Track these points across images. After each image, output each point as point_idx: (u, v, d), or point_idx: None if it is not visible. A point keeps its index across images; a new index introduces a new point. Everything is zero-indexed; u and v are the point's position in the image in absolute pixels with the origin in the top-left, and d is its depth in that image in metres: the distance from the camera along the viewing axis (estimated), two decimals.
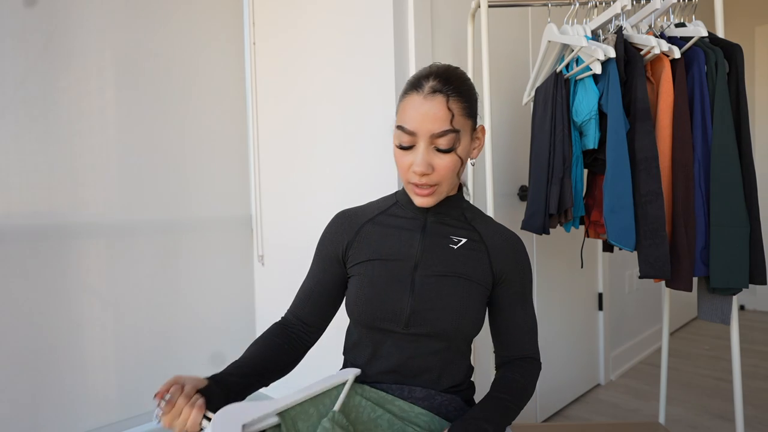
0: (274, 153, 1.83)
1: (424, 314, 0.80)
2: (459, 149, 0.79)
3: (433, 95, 0.77)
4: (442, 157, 0.79)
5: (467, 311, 0.81)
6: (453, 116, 0.77)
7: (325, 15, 1.58)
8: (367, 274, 0.85)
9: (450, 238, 0.86)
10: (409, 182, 0.82)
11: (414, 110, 0.77)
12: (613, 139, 1.19)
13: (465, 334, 0.82)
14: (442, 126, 0.76)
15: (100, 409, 1.51)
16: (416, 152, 0.78)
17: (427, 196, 0.81)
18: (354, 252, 0.88)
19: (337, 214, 0.94)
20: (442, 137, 0.77)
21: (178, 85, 1.69)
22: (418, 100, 0.77)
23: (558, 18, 1.36)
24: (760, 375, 2.25)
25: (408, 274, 0.83)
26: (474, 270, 0.84)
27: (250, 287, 1.91)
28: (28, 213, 1.38)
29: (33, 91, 1.39)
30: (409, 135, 0.78)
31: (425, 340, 0.82)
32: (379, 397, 0.82)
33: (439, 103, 0.76)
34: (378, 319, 0.82)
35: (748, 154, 1.20)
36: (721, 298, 1.27)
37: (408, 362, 0.82)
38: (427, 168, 0.78)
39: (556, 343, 1.94)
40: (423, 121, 0.77)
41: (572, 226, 1.40)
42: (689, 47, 1.21)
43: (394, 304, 0.81)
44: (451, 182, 0.82)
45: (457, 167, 0.80)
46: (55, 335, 1.42)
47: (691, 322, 3.19)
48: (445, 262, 0.84)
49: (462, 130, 0.79)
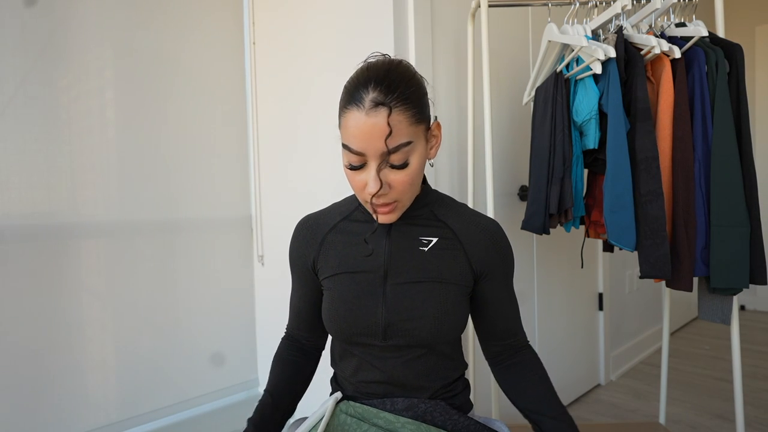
0: (274, 153, 1.83)
1: (401, 325, 0.76)
2: (414, 161, 0.72)
3: (376, 110, 0.67)
4: (397, 173, 0.71)
5: (446, 316, 0.77)
6: (402, 128, 0.69)
7: (325, 15, 1.58)
8: (336, 289, 0.80)
9: (419, 240, 0.80)
10: (366, 201, 0.75)
11: (357, 129, 0.69)
12: (613, 139, 1.18)
13: (448, 339, 0.79)
14: (391, 142, 0.69)
15: (100, 409, 1.51)
16: (368, 171, 0.71)
17: (389, 214, 0.75)
18: (321, 265, 0.84)
19: (298, 224, 0.88)
20: (394, 153, 0.69)
21: (178, 85, 1.69)
22: (359, 117, 0.68)
23: (558, 18, 1.36)
24: (760, 375, 2.25)
25: (378, 285, 0.78)
26: (450, 271, 0.78)
27: (250, 287, 1.90)
28: (28, 213, 1.38)
29: (33, 91, 1.39)
30: (357, 155, 0.71)
31: (406, 349, 0.79)
32: (364, 411, 0.80)
33: (384, 117, 0.67)
34: (354, 335, 0.79)
35: (748, 154, 1.20)
36: (721, 298, 1.27)
37: (394, 371, 0.79)
38: (380, 187, 0.71)
39: (556, 343, 1.94)
40: (369, 140, 0.68)
41: (572, 226, 1.40)
42: (689, 47, 1.21)
43: (368, 318, 0.77)
44: (413, 193, 0.76)
45: (414, 179, 0.73)
46: (55, 335, 1.42)
47: (691, 322, 3.19)
48: (417, 267, 0.78)
49: (415, 140, 0.71)
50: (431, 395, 0.81)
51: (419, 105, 0.72)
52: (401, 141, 0.69)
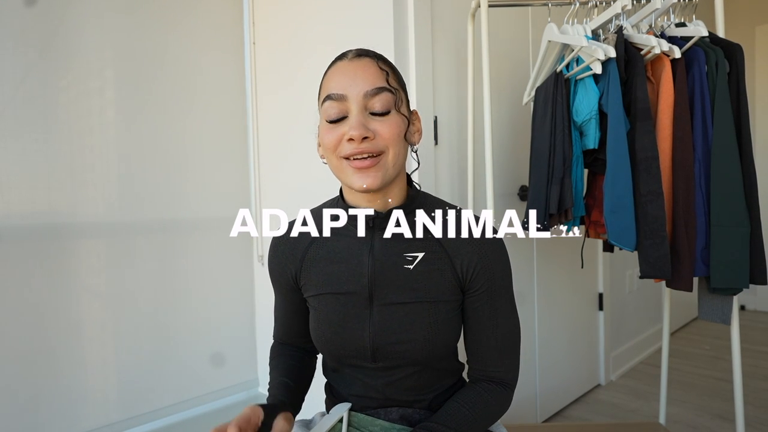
0: (274, 153, 1.83)
1: (389, 348, 0.72)
2: (396, 119, 0.68)
3: (360, 57, 0.68)
4: (382, 121, 0.67)
5: (437, 335, 0.72)
6: (388, 75, 0.68)
7: (324, 15, 1.58)
8: (322, 309, 0.76)
9: (404, 257, 0.73)
10: (342, 158, 0.68)
11: (340, 74, 0.67)
12: (613, 139, 1.18)
13: (441, 356, 0.75)
14: (375, 82, 0.66)
15: (100, 409, 1.51)
16: (349, 119, 0.67)
17: (370, 168, 0.66)
18: (304, 281, 0.79)
19: (275, 237, 0.83)
20: (377, 95, 0.66)
21: (178, 85, 1.69)
22: (343, 65, 0.68)
23: (558, 18, 1.36)
24: (760, 375, 2.25)
25: (364, 307, 0.73)
26: (438, 288, 0.73)
27: (250, 287, 1.90)
28: (28, 213, 1.38)
29: (33, 91, 1.39)
30: (338, 101, 0.66)
31: (398, 369, 0.75)
32: (360, 420, 0.78)
33: (369, 62, 0.67)
34: (343, 356, 0.75)
35: (748, 154, 1.20)
36: (721, 298, 1.26)
37: (386, 389, 0.76)
38: (365, 129, 0.65)
39: (556, 343, 1.94)
40: (353, 80, 0.66)
41: (572, 226, 1.40)
42: (689, 47, 1.21)
43: (356, 342, 0.73)
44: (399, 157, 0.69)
45: (402, 130, 0.68)
46: (55, 335, 1.42)
47: (691, 322, 3.18)
48: (403, 287, 0.72)
49: (399, 97, 0.68)
50: (427, 406, 0.79)
51: (398, 79, 0.72)
52: (386, 85, 0.67)
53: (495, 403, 0.75)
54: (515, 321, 0.77)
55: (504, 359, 0.76)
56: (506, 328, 0.75)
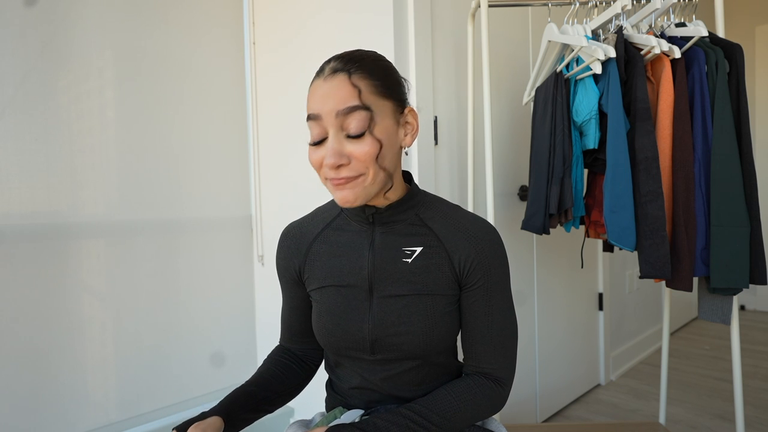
0: (274, 153, 1.83)
1: (388, 340, 0.75)
2: (378, 134, 0.69)
3: (334, 75, 0.69)
4: (356, 144, 0.68)
5: (434, 329, 0.74)
6: (360, 92, 0.68)
7: (325, 15, 1.58)
8: (323, 302, 0.79)
9: (402, 251, 0.76)
10: (327, 180, 0.71)
11: (315, 93, 0.70)
12: (613, 139, 1.19)
13: (439, 350, 0.76)
14: (347, 101, 0.67)
15: (100, 409, 1.51)
16: (327, 144, 0.69)
17: (344, 186, 0.69)
18: (308, 276, 0.82)
19: (283, 233, 0.87)
20: (350, 115, 0.67)
21: (178, 85, 1.69)
22: (318, 84, 0.70)
23: (558, 18, 1.36)
24: (760, 375, 2.25)
25: (364, 299, 0.76)
26: (435, 282, 0.75)
27: (250, 287, 1.90)
28: (28, 213, 1.38)
29: (33, 91, 1.39)
30: (315, 120, 0.69)
31: (396, 362, 0.77)
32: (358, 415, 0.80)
33: (341, 80, 0.68)
34: (343, 348, 0.78)
35: (748, 154, 1.20)
36: (721, 298, 1.27)
37: (384, 384, 0.78)
38: (339, 157, 0.68)
39: (556, 343, 1.94)
40: (325, 101, 0.68)
41: (572, 226, 1.40)
42: (689, 47, 1.21)
43: (355, 333, 0.76)
44: (380, 174, 0.70)
45: (376, 152, 0.69)
46: (55, 335, 1.42)
47: (691, 322, 3.19)
48: (401, 280, 0.75)
49: (376, 110, 0.69)
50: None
51: (384, 79, 0.71)
52: (358, 103, 0.68)
53: (484, 398, 0.75)
54: (512, 318, 0.78)
55: (498, 356, 0.76)
56: (501, 325, 0.76)
